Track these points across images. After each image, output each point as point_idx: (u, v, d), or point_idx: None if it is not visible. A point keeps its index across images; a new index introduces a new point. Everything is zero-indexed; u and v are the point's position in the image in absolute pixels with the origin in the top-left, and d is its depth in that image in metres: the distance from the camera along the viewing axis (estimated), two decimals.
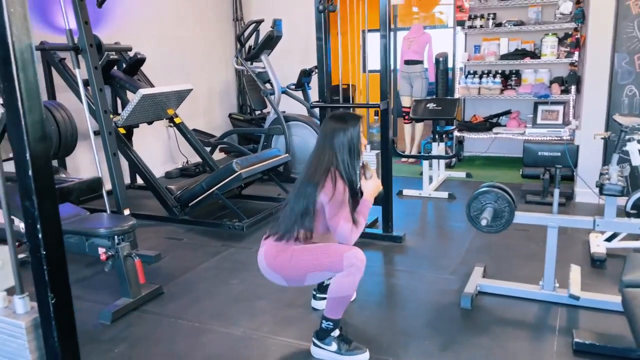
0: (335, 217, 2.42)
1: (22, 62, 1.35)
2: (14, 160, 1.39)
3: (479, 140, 6.54)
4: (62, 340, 1.51)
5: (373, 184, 2.57)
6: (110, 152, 3.69)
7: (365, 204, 2.55)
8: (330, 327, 2.47)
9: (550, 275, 2.95)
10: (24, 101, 1.36)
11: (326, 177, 2.41)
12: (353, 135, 2.49)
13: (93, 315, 2.99)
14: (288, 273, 2.45)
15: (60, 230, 1.47)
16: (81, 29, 3.58)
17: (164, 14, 6.40)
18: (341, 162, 2.46)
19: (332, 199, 2.39)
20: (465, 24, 6.10)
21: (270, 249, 2.50)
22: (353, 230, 2.45)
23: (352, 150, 2.48)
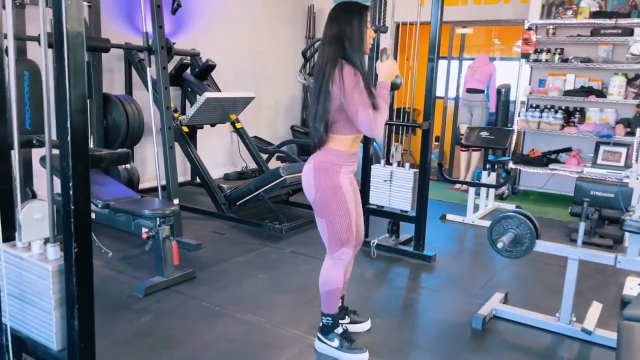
0: (352, 106, 2.31)
1: (73, 46, 1.63)
2: (56, 126, 1.67)
3: (536, 175, 6.43)
4: (79, 285, 1.75)
5: (388, 64, 2.47)
6: (168, 145, 4.04)
7: (382, 85, 2.45)
8: (330, 323, 2.59)
9: (568, 308, 2.93)
10: (70, 77, 1.63)
11: (334, 68, 2.33)
12: (361, 22, 2.39)
13: (130, 288, 3.28)
14: (319, 196, 2.45)
15: (88, 191, 1.72)
16: (155, 32, 3.97)
17: (241, 27, 6.83)
18: (350, 51, 2.36)
19: (344, 87, 2.31)
20: (530, 57, 6.07)
21: (320, 163, 2.45)
22: (374, 115, 2.33)
23: (359, 37, 2.38)
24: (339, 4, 2.47)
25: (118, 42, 4.50)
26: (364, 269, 3.86)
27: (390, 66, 2.48)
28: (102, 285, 3.40)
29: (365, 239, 4.24)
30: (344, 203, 2.46)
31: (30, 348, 1.96)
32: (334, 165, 2.45)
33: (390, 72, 2.48)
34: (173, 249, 3.33)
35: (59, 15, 1.59)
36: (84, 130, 1.69)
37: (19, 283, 1.90)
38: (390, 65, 2.48)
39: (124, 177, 4.57)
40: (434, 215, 5.42)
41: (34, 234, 1.89)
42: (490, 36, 8.24)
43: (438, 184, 6.95)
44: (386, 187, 4.13)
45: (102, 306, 3.05)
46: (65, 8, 1.58)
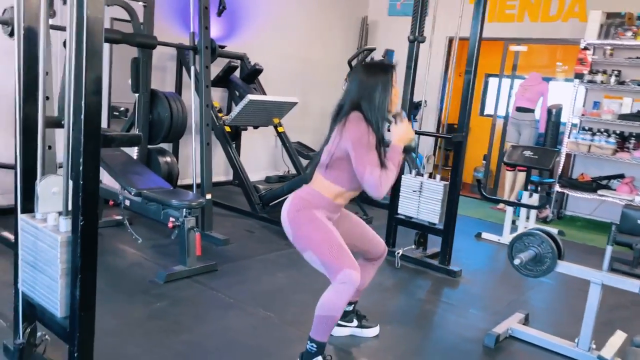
0: (360, 163, 2.26)
1: (91, 30, 1.74)
2: (71, 106, 1.78)
3: (584, 200, 6.17)
4: (83, 256, 1.85)
5: (402, 128, 2.40)
6: (205, 142, 4.18)
7: (395, 149, 2.38)
8: (313, 351, 2.38)
9: (588, 334, 2.81)
10: (88, 60, 1.75)
11: (347, 117, 2.31)
12: (384, 84, 2.36)
13: (153, 274, 3.41)
14: (298, 234, 2.39)
15: (97, 168, 1.83)
16: (201, 33, 4.13)
17: (294, 34, 6.98)
18: (367, 109, 2.33)
19: (355, 141, 2.27)
20: (584, 77, 5.85)
21: (297, 200, 2.43)
22: (382, 176, 2.26)
23: (380, 99, 2.34)
24: (364, 65, 2.47)
25: (171, 41, 4.70)
26: (385, 278, 3.83)
27: (404, 129, 2.40)
28: (128, 269, 3.56)
29: (391, 249, 4.23)
30: (324, 227, 2.36)
31: (40, 314, 2.09)
32: (311, 203, 2.40)
33: (404, 136, 2.40)
34: (196, 240, 3.43)
35: (80, 2, 1.71)
36: (97, 110, 1.79)
37: (34, 251, 2.04)
38: (404, 129, 2.41)
39: (164, 170, 4.74)
40: (469, 232, 5.32)
41: (50, 206, 2.02)
42: (545, 55, 8.02)
43: (480, 203, 6.81)
44: (416, 198, 4.09)
45: (123, 288, 3.22)
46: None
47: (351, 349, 2.78)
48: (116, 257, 3.74)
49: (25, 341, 2.12)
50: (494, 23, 6.85)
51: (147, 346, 2.58)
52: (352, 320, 2.88)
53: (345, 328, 2.88)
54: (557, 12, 6.40)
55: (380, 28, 7.83)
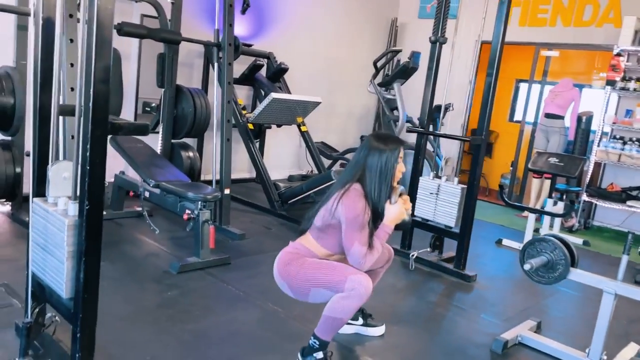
0: (350, 238, 2.34)
1: (102, 20, 1.79)
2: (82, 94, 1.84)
3: (613, 211, 5.99)
4: (87, 240, 1.91)
5: (396, 209, 2.44)
6: (225, 137, 4.24)
7: (384, 228, 2.44)
8: (315, 347, 2.41)
9: (599, 344, 2.74)
10: (97, 49, 1.80)
11: (349, 188, 2.38)
12: (388, 158, 2.42)
13: (167, 264, 3.48)
14: (294, 283, 2.43)
15: (104, 154, 1.88)
16: (225, 30, 4.19)
17: (322, 35, 7.01)
18: (369, 182, 2.41)
19: (349, 217, 2.33)
20: (616, 84, 5.70)
21: (284, 255, 2.54)
22: (367, 255, 2.35)
23: (383, 173, 2.41)
24: (378, 134, 2.55)
25: (199, 38, 4.78)
26: (398, 280, 3.82)
27: (398, 211, 2.44)
28: (145, 259, 3.64)
29: (406, 251, 4.21)
30: (311, 263, 2.42)
31: (48, 295, 2.16)
32: (300, 255, 2.48)
33: (398, 217, 2.45)
34: (210, 233, 3.49)
35: None
36: (105, 98, 1.85)
37: (44, 234, 2.11)
38: (398, 210, 2.44)
39: (186, 164, 4.84)
40: (490, 239, 5.25)
41: (60, 190, 2.09)
42: (577, 61, 7.83)
43: (506, 210, 6.71)
44: (432, 200, 4.06)
45: (138, 276, 3.30)
46: None
47: (355, 346, 2.78)
48: (134, 247, 3.83)
49: (33, 320, 2.20)
50: (526, 27, 6.75)
51: (154, 333, 2.63)
52: (357, 319, 2.88)
53: (351, 326, 2.88)
54: (591, 17, 6.25)
55: (410, 30, 7.80)
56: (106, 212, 4.28)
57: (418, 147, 4.22)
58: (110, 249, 3.69)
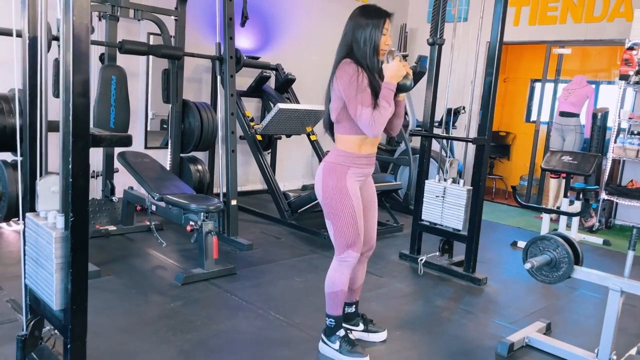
0: (352, 105, 2.33)
1: (78, 35, 1.84)
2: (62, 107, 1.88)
3: (635, 209, 5.82)
4: (73, 251, 1.95)
5: (393, 65, 2.38)
6: (230, 149, 4.28)
7: (386, 85, 2.37)
8: (332, 325, 2.60)
9: (608, 344, 2.65)
10: (74, 64, 1.85)
11: (338, 65, 2.39)
12: (373, 31, 2.39)
13: (173, 276, 3.51)
14: (326, 200, 2.48)
15: (87, 166, 1.92)
16: (226, 43, 4.25)
17: (330, 44, 6.97)
18: (357, 51, 2.40)
19: (344, 84, 2.33)
20: (630, 78, 5.56)
21: (328, 165, 2.49)
22: (375, 114, 2.31)
23: (368, 44, 2.39)
24: (361, 6, 2.48)
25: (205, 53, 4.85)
26: (406, 285, 3.77)
27: (395, 67, 2.39)
28: (151, 272, 3.68)
29: (415, 256, 4.16)
30: (350, 207, 2.47)
31: (42, 308, 2.20)
32: (342, 166, 2.47)
33: (396, 73, 2.38)
34: (214, 244, 3.51)
35: (67, 9, 1.81)
36: (85, 111, 1.89)
37: (36, 247, 2.15)
38: (395, 66, 2.39)
39: (195, 178, 4.89)
40: (506, 241, 5.16)
41: (50, 204, 2.13)
42: (590, 57, 7.67)
43: (523, 212, 6.59)
44: (439, 204, 4.01)
45: (143, 289, 3.33)
46: (73, 2, 1.79)
47: None
48: (142, 261, 3.87)
49: (29, 333, 2.24)
50: (536, 26, 6.66)
51: (154, 343, 2.65)
52: (358, 324, 2.86)
53: (352, 332, 2.85)
54: (602, 12, 6.13)
55: (420, 35, 7.76)
56: (116, 228, 4.36)
57: (423, 150, 4.18)
58: (118, 263, 3.74)
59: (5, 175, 3.77)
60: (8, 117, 3.62)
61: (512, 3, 6.70)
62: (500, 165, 8.45)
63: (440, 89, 4.15)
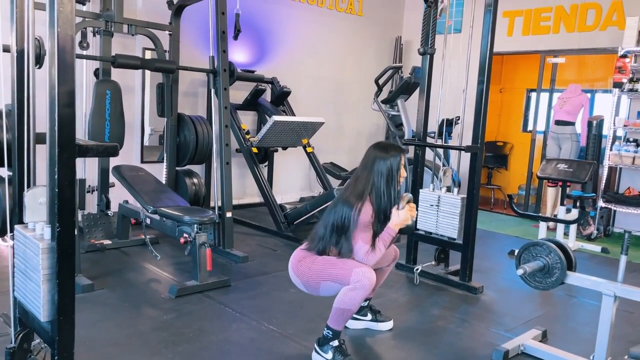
0: (355, 237, 2.58)
1: (62, 47, 1.85)
2: (48, 118, 1.89)
3: (634, 216, 5.80)
4: (60, 261, 1.94)
5: (402, 215, 2.63)
6: (224, 161, 4.29)
7: (388, 231, 2.64)
8: (329, 336, 2.61)
9: (603, 349, 2.62)
10: (60, 75, 1.86)
11: (360, 202, 2.60)
12: (392, 165, 2.65)
13: (167, 289, 3.50)
14: (306, 279, 2.67)
15: (73, 177, 1.92)
16: (219, 56, 4.28)
17: (326, 57, 7.08)
18: (376, 189, 2.64)
19: (360, 221, 2.58)
20: (623, 86, 5.57)
21: (298, 253, 2.77)
22: (369, 253, 2.58)
23: (389, 179, 2.64)
24: (379, 144, 2.76)
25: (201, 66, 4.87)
26: (401, 295, 3.75)
27: (404, 217, 2.63)
28: (145, 285, 3.67)
29: (411, 265, 4.15)
30: (321, 259, 2.67)
31: (31, 320, 2.19)
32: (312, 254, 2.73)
33: (402, 222, 2.64)
34: (207, 256, 3.50)
35: (52, 20, 1.83)
36: (71, 121, 1.89)
37: (24, 259, 2.15)
38: (404, 216, 2.63)
39: (190, 191, 4.90)
40: (503, 250, 5.13)
41: (38, 216, 2.13)
42: (584, 66, 7.71)
43: (522, 221, 6.57)
44: (434, 213, 4.00)
45: (136, 302, 3.32)
46: (57, 14, 1.81)
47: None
48: (136, 274, 3.86)
49: (17, 346, 2.22)
50: (530, 36, 6.71)
51: (145, 356, 2.63)
52: (366, 314, 3.03)
53: (360, 321, 3.03)
54: (595, 21, 6.17)
55: (414, 47, 7.79)
56: (112, 242, 4.35)
57: (417, 160, 4.18)
58: (113, 276, 3.73)
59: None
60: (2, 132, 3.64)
61: (506, 14, 6.76)
62: (498, 175, 8.45)
63: (434, 99, 4.16)
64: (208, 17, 4.20)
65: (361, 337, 3.01)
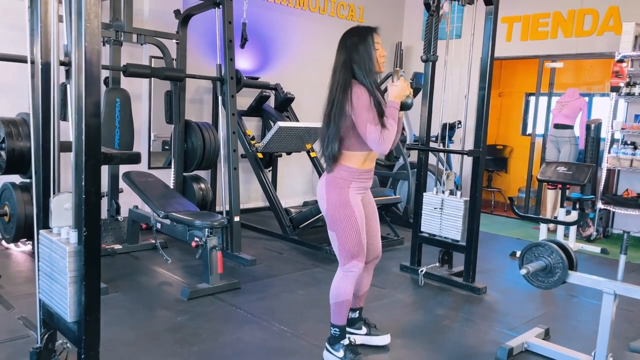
0: (361, 123, 2.45)
1: (90, 60, 1.95)
2: (75, 128, 1.99)
3: (633, 217, 5.91)
4: (87, 264, 2.04)
5: (398, 85, 2.53)
6: (232, 166, 4.39)
7: (391, 104, 2.51)
8: (337, 334, 2.67)
9: (604, 346, 2.71)
10: (87, 87, 1.96)
11: (346, 90, 2.49)
12: (366, 48, 2.52)
13: (179, 291, 3.59)
14: (329, 212, 2.59)
15: (99, 183, 2.02)
16: (226, 64, 4.39)
17: (327, 63, 7.15)
18: (358, 75, 2.51)
19: (354, 105, 2.45)
20: (620, 90, 5.69)
21: (331, 179, 2.60)
22: (383, 132, 2.43)
23: (365, 62, 2.51)
24: (347, 30, 2.64)
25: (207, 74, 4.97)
26: (407, 295, 3.85)
27: (401, 87, 2.53)
28: (157, 288, 3.76)
29: (415, 267, 4.24)
30: (353, 219, 2.58)
31: (56, 321, 2.28)
32: (345, 180, 2.58)
33: (400, 92, 2.53)
34: (218, 259, 3.60)
35: (79, 35, 1.93)
36: (97, 131, 2.00)
37: (49, 262, 2.24)
38: (401, 86, 2.54)
39: (198, 196, 5.00)
40: (505, 252, 5.24)
41: (63, 221, 2.23)
42: (582, 70, 7.84)
43: (522, 223, 6.68)
44: (437, 215, 4.10)
45: (149, 305, 3.41)
46: (85, 29, 1.91)
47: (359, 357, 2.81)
48: (148, 278, 3.95)
49: (43, 346, 2.32)
50: (528, 41, 6.83)
51: (161, 356, 2.72)
52: (360, 328, 2.96)
53: (355, 336, 2.93)
54: (592, 26, 6.29)
55: (415, 53, 7.93)
56: (122, 246, 4.45)
57: (420, 164, 4.28)
58: (125, 280, 3.83)
59: (14, 196, 3.87)
60: (17, 140, 3.74)
61: (504, 20, 6.88)
62: (498, 178, 8.56)
63: (436, 104, 4.26)
64: (212, 25, 4.32)
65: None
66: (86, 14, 1.91)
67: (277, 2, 6.51)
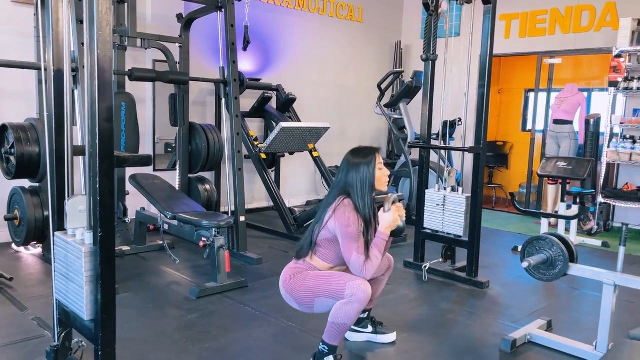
0: (348, 249, 2.48)
1: (102, 67, 2.03)
2: (89, 132, 2.06)
3: (633, 210, 5.98)
4: (102, 264, 2.11)
5: (390, 216, 2.56)
6: (236, 167, 4.46)
7: (379, 236, 2.55)
8: (325, 351, 2.56)
9: (605, 335, 2.79)
10: (100, 91, 2.03)
11: (340, 203, 2.53)
12: (365, 169, 2.56)
13: (187, 291, 3.66)
14: (299, 296, 2.57)
15: (112, 185, 2.09)
16: (229, 67, 4.46)
17: (328, 64, 7.27)
18: (354, 196, 2.55)
19: (343, 229, 2.48)
20: (618, 85, 5.75)
21: (288, 270, 2.66)
22: (366, 263, 2.47)
23: (363, 184, 2.55)
24: (353, 149, 2.67)
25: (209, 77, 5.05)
26: (411, 291, 3.91)
27: (392, 218, 2.56)
28: (166, 287, 3.83)
29: (419, 263, 4.31)
30: (313, 275, 2.58)
31: (72, 319, 2.36)
32: (304, 270, 2.62)
33: (391, 224, 2.57)
34: (226, 258, 3.67)
35: (91, 42, 2.00)
36: (110, 135, 2.07)
37: (65, 263, 2.31)
38: (392, 217, 2.56)
39: (203, 197, 5.07)
40: (507, 247, 5.30)
41: (77, 222, 2.30)
42: (581, 66, 7.90)
43: (523, 218, 6.75)
44: (440, 212, 4.17)
45: (159, 304, 3.48)
46: (97, 37, 1.98)
47: (366, 353, 2.89)
48: (157, 278, 4.02)
49: (60, 344, 2.39)
50: (526, 38, 6.89)
51: (174, 353, 2.79)
52: (367, 327, 3.00)
53: (361, 334, 3.00)
54: (589, 22, 6.36)
55: (414, 51, 8.00)
56: (130, 248, 4.52)
57: (422, 161, 4.35)
58: (134, 281, 3.90)
59: (24, 200, 3.94)
60: (26, 145, 3.81)
61: (502, 17, 6.94)
62: (499, 174, 8.62)
63: (436, 102, 4.33)
64: (214, 28, 4.38)
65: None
66: (98, 22, 1.98)
67: (277, 4, 6.58)
